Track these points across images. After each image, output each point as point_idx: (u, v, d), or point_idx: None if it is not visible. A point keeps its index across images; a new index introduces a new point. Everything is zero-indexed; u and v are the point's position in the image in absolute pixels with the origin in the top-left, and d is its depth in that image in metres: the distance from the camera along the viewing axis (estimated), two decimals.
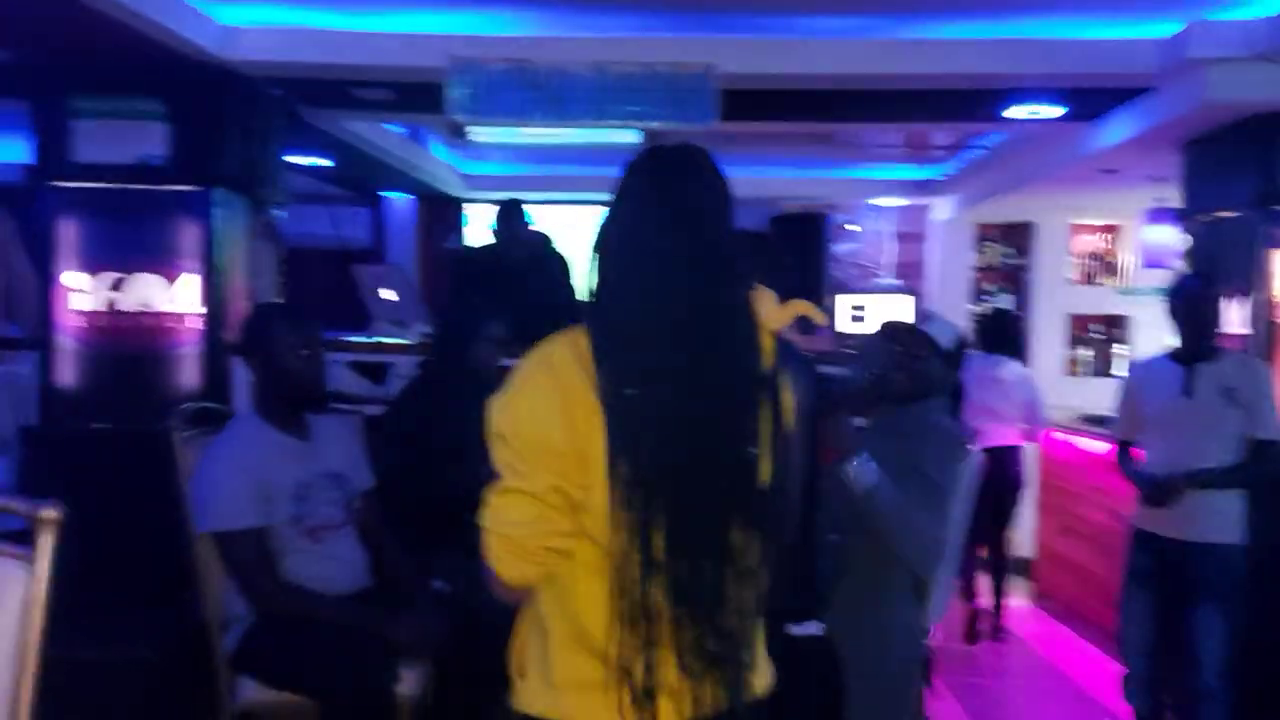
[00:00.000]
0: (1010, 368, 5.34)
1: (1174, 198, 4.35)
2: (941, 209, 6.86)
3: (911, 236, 7.14)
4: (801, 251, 6.64)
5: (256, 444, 2.58)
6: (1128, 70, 3.53)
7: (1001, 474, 4.88)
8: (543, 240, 4.58)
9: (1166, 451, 3.33)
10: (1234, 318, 3.72)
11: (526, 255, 4.31)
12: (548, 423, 1.37)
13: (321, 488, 2.64)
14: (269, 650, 2.49)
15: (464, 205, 6.96)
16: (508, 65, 3.36)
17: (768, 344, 1.46)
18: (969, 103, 3.98)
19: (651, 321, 1.39)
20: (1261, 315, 3.60)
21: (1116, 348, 6.91)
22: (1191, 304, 3.35)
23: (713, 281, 1.42)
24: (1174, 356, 3.45)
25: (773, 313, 1.49)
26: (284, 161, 4.08)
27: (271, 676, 2.50)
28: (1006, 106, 4.01)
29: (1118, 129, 4.02)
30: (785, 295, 1.63)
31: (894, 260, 7.13)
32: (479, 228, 4.72)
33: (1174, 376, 3.39)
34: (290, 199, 4.17)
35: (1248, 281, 3.65)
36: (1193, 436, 3.29)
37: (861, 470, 2.40)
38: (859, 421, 3.29)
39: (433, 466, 3.01)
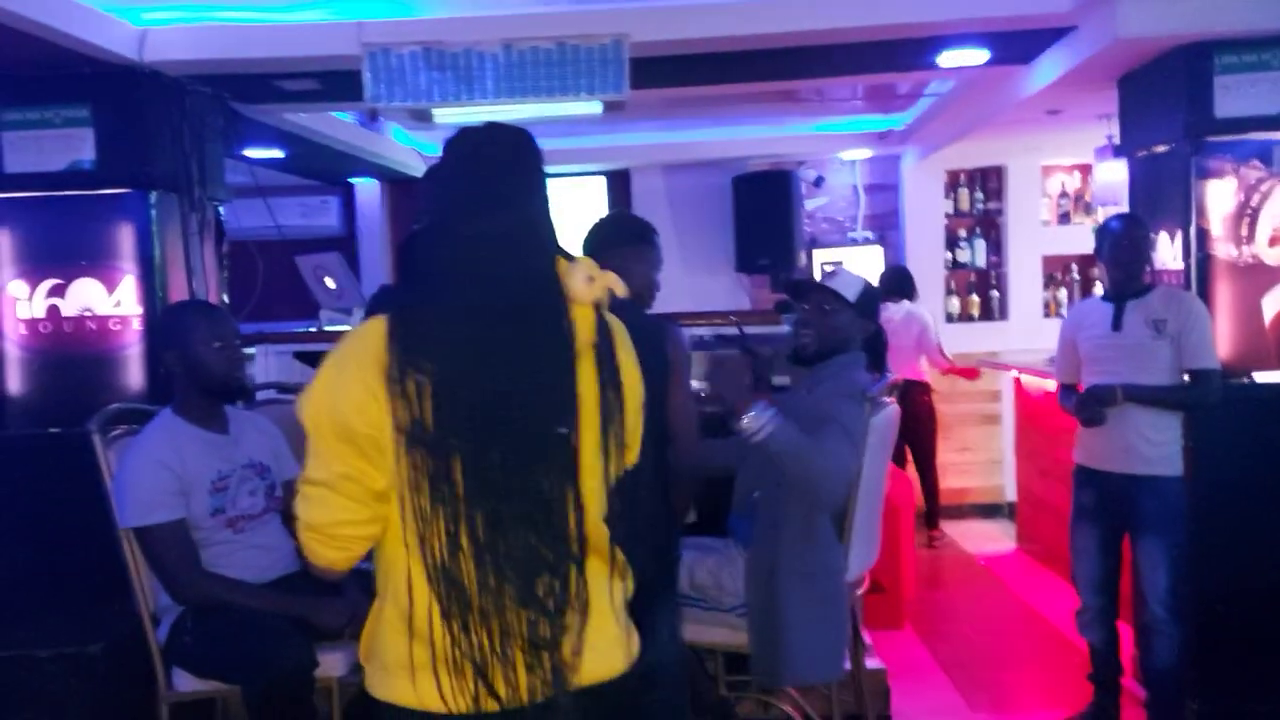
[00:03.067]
0: (897, 308, 5.95)
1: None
2: (910, 158, 6.82)
3: (882, 188, 7.11)
4: (769, 210, 6.63)
5: (173, 440, 2.65)
6: (1046, 10, 3.51)
7: (904, 406, 5.19)
8: None
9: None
10: (1169, 252, 3.71)
11: None
12: (344, 410, 1.38)
13: (241, 479, 2.71)
14: (193, 640, 2.56)
15: None
16: (417, 48, 3.37)
17: (583, 316, 1.46)
18: (898, 53, 3.94)
19: (446, 303, 1.41)
20: (1196, 249, 3.57)
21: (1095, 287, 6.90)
22: (1115, 244, 3.38)
23: (511, 259, 1.44)
24: (1106, 296, 3.49)
25: (583, 285, 1.47)
26: (223, 158, 4.11)
27: (196, 666, 2.58)
28: (937, 54, 3.98)
29: (1048, 70, 3.98)
30: None
31: (865, 213, 7.10)
32: None
33: (1105, 314, 3.43)
34: (232, 194, 4.21)
35: (1182, 215, 3.62)
36: (1124, 369, 3.33)
37: (756, 420, 2.47)
38: (782, 380, 3.33)
39: None
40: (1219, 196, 3.55)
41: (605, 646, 1.49)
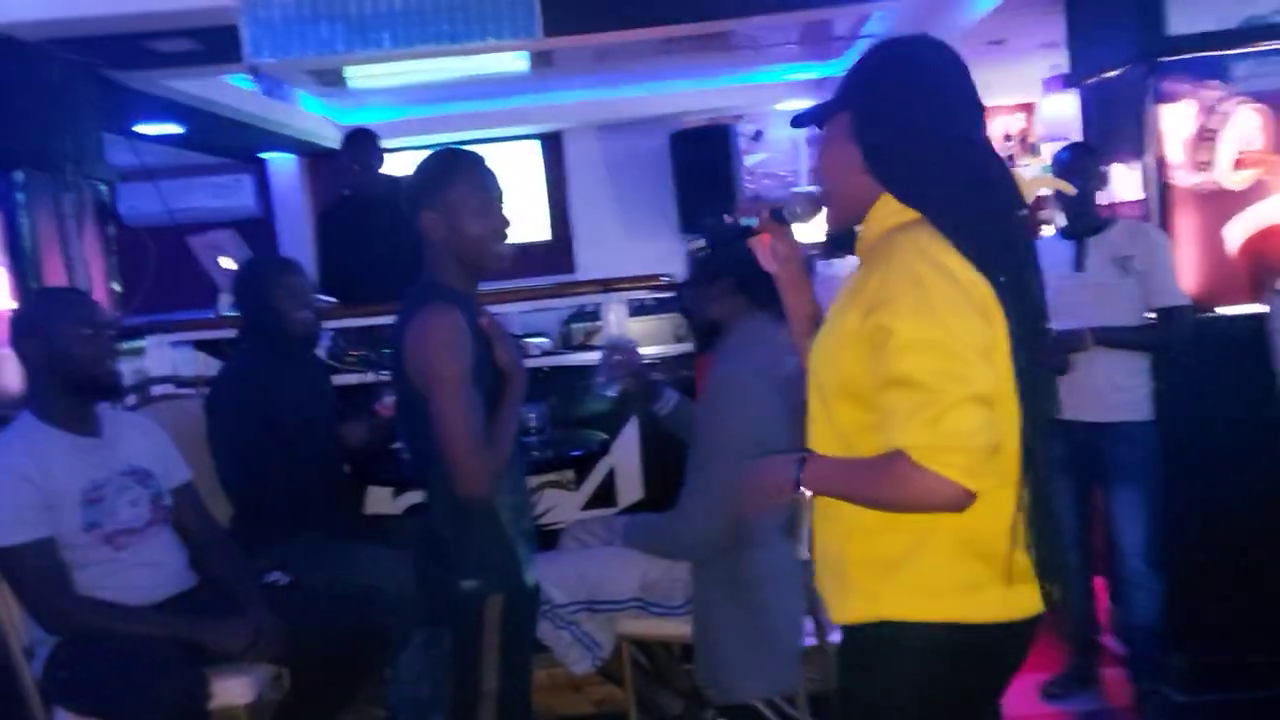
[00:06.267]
0: (842, 264, 5.51)
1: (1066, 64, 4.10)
2: None
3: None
4: (710, 168, 6.35)
5: (33, 447, 2.31)
6: None
7: None
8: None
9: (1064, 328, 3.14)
10: (1127, 183, 3.49)
11: (385, 196, 4.03)
12: (970, 319, 1.34)
13: (120, 488, 2.38)
14: (72, 674, 2.25)
15: None
16: None
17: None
18: None
19: (984, 206, 1.41)
20: (1154, 178, 3.36)
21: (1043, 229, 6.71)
22: (1068, 176, 3.14)
23: (996, 162, 1.46)
24: (1064, 233, 3.26)
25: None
26: (101, 133, 3.72)
27: (78, 703, 2.26)
28: None
29: None
30: None
31: (808, 166, 6.85)
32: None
33: (1065, 252, 3.21)
34: (118, 174, 3.82)
35: (1139, 143, 3.40)
36: (1089, 310, 3.11)
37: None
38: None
39: (268, 447, 2.76)
40: (1176, 120, 3.33)
41: None
